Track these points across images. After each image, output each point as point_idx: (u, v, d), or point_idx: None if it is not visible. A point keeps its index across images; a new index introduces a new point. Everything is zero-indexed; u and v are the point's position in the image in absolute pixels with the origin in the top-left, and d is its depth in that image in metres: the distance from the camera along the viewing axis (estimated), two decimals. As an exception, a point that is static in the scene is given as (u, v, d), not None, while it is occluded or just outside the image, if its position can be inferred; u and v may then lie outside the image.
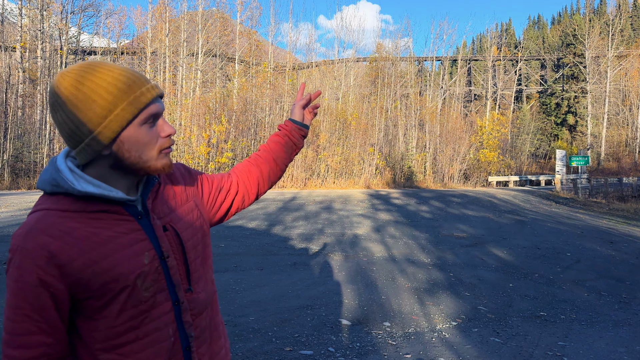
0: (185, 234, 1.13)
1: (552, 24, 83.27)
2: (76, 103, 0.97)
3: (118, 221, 1.03)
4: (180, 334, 1.09)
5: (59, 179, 1.01)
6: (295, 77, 32.19)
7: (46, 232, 0.97)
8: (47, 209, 1.01)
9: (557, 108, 51.51)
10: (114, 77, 0.99)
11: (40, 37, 25.62)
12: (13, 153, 21.90)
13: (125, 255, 1.01)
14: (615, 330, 4.43)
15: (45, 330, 0.97)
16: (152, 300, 1.04)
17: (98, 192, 1.00)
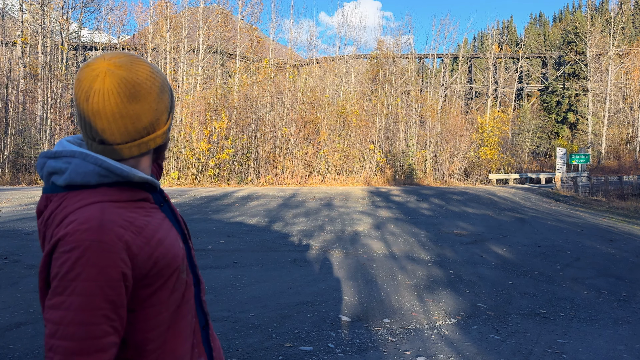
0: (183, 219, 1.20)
1: (553, 21, 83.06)
2: (156, 96, 1.00)
3: (152, 210, 1.05)
4: (198, 313, 1.13)
5: (112, 168, 0.96)
6: (296, 73, 32.14)
7: (117, 223, 0.93)
8: (101, 201, 0.95)
9: (557, 106, 51.44)
10: (158, 72, 1.04)
11: (41, 33, 25.58)
12: (14, 148, 21.90)
13: (171, 240, 1.04)
14: (614, 328, 4.44)
15: (118, 329, 0.91)
16: (187, 283, 1.08)
17: (149, 179, 1.03)
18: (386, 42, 41.15)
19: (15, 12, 28.21)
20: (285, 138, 25.09)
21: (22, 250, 6.50)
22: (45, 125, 23.51)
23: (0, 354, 3.40)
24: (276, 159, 24.45)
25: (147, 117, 0.99)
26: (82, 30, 32.38)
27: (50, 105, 23.94)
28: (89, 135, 0.99)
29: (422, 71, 46.90)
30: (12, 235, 7.49)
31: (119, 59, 0.97)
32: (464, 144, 30.81)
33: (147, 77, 0.98)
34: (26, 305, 4.37)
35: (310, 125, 26.09)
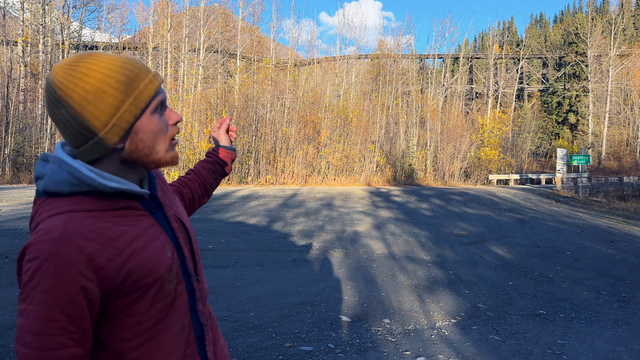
0: (187, 223, 1.16)
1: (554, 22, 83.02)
2: (80, 100, 0.92)
3: (138, 217, 1.02)
4: (193, 323, 1.10)
5: (83, 177, 0.94)
6: (296, 73, 32.14)
7: (81, 234, 0.91)
8: (71, 211, 0.94)
9: (558, 107, 51.43)
10: (118, 68, 0.94)
11: (42, 32, 25.59)
12: (14, 147, 21.92)
13: (153, 249, 1.01)
14: (614, 329, 4.44)
15: (80, 341, 0.91)
16: (175, 293, 1.05)
17: (125, 188, 0.97)
18: (387, 43, 41.18)
19: (16, 11, 28.22)
20: (286, 138, 25.10)
21: (23, 249, 6.50)
22: (45, 124, 23.53)
23: (1, 352, 3.41)
24: (276, 159, 24.46)
25: (78, 120, 0.93)
26: (83, 29, 32.39)
27: (51, 105, 23.96)
28: None
29: (422, 71, 46.90)
30: (13, 234, 7.50)
31: (58, 66, 0.95)
32: (464, 144, 30.80)
33: (69, 80, 0.92)
34: (27, 304, 4.37)
35: (311, 125, 26.09)
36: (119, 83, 0.94)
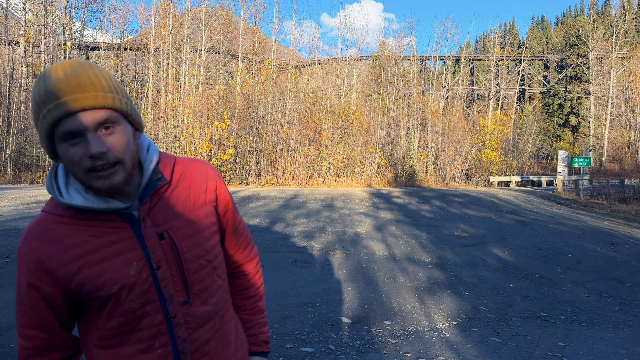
0: (187, 243, 1.06)
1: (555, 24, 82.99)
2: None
3: (111, 229, 1.00)
4: (172, 348, 1.04)
5: (49, 187, 1.01)
6: (298, 74, 32.16)
7: (39, 237, 0.99)
8: (48, 212, 1.02)
9: (559, 109, 51.40)
10: (37, 89, 0.92)
11: (44, 32, 25.64)
12: (16, 147, 21.95)
13: (112, 264, 0.98)
14: (615, 332, 4.43)
15: (40, 326, 1.02)
16: (142, 312, 1.01)
17: (81, 204, 0.96)
18: (388, 44, 41.18)
19: (18, 12, 28.29)
20: (287, 139, 25.10)
21: (24, 249, 6.51)
22: (47, 124, 23.53)
23: (2, 352, 3.41)
24: (277, 160, 24.46)
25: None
26: (84, 30, 32.44)
27: (53, 105, 23.98)
28: None
29: (424, 73, 46.92)
30: (14, 234, 7.51)
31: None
32: (465, 146, 30.78)
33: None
34: (28, 304, 4.38)
35: (312, 127, 26.09)
36: (35, 102, 0.94)
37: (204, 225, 1.09)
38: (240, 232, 1.26)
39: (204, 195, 1.11)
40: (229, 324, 1.17)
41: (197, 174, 1.12)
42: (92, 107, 0.91)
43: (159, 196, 1.05)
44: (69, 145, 0.92)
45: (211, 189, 1.13)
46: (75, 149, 0.92)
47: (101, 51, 35.28)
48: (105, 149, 0.92)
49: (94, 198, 0.98)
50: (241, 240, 1.26)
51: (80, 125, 0.91)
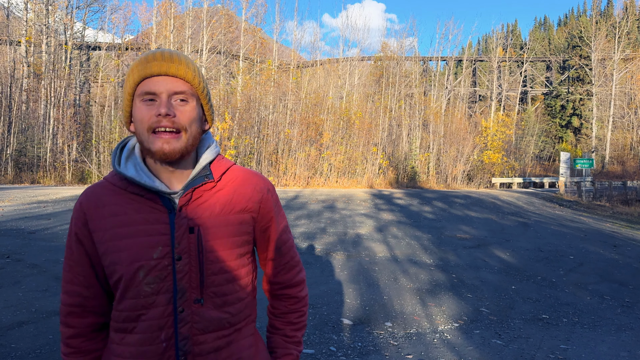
0: (214, 244, 1.07)
1: (558, 25, 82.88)
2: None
3: (150, 208, 1.05)
4: (175, 344, 1.04)
5: (113, 156, 1.11)
6: (299, 75, 32.16)
7: (90, 198, 1.08)
8: (105, 180, 1.11)
9: (562, 110, 51.32)
10: (136, 58, 1.09)
11: (45, 32, 25.68)
12: (17, 147, 21.97)
13: (139, 242, 1.03)
14: (617, 334, 4.40)
15: (83, 283, 1.09)
16: (153, 299, 1.03)
17: (130, 176, 1.05)
18: (390, 45, 41.17)
19: (19, 11, 28.33)
20: (288, 139, 25.09)
21: (25, 250, 6.51)
22: (48, 124, 23.57)
23: (2, 352, 3.40)
24: (279, 161, 24.46)
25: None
26: (86, 29, 32.50)
27: (54, 105, 24.01)
28: None
29: (425, 74, 46.90)
30: (15, 234, 7.50)
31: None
32: (467, 147, 30.74)
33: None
34: (28, 305, 4.37)
35: (313, 127, 26.08)
36: (130, 67, 1.07)
37: (235, 231, 1.10)
38: (285, 252, 1.23)
39: (245, 204, 1.12)
40: (247, 339, 1.15)
41: (247, 183, 1.15)
42: (173, 74, 1.03)
43: (202, 192, 1.09)
44: (144, 103, 1.03)
45: (255, 200, 1.14)
46: (148, 108, 1.02)
47: (102, 51, 35.32)
48: (172, 113, 1.02)
49: (145, 175, 1.05)
50: (285, 261, 1.23)
51: (158, 87, 1.02)
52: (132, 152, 1.11)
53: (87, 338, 1.12)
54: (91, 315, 1.11)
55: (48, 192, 14.37)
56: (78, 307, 1.10)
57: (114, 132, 22.89)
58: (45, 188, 16.63)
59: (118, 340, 1.06)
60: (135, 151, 1.10)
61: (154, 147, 1.02)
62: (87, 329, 1.12)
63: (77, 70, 30.12)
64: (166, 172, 1.07)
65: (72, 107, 25.53)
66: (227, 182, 1.12)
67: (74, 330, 1.11)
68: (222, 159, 1.16)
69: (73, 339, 1.11)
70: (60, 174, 21.74)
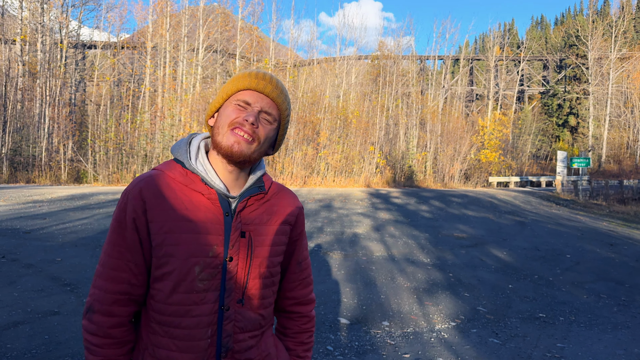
0: (260, 250, 1.16)
1: (555, 24, 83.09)
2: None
3: (209, 208, 1.11)
4: (218, 340, 1.10)
5: (182, 151, 1.16)
6: (296, 74, 32.13)
7: (149, 187, 1.10)
8: (161, 171, 1.14)
9: (559, 109, 51.46)
10: (245, 71, 1.18)
11: (41, 30, 25.55)
12: (12, 146, 21.87)
13: (198, 239, 1.08)
14: (614, 333, 4.41)
15: (133, 270, 1.09)
16: (204, 295, 1.08)
17: (201, 174, 1.12)
18: (387, 43, 41.19)
19: (14, 10, 28.17)
20: (285, 138, 25.04)
21: (20, 249, 6.47)
22: (43, 123, 23.47)
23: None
24: (275, 160, 24.42)
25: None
26: (81, 28, 32.35)
27: (49, 104, 23.90)
28: None
29: (423, 73, 46.92)
30: (10, 234, 7.46)
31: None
32: (464, 146, 30.78)
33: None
34: (24, 305, 4.34)
35: (310, 126, 26.05)
36: (233, 77, 1.20)
37: (278, 240, 1.20)
38: (304, 268, 1.32)
39: (286, 217, 1.24)
40: (270, 339, 1.23)
41: (288, 198, 1.27)
42: (267, 95, 1.16)
43: (254, 202, 1.18)
44: (238, 107, 1.14)
45: (294, 214, 1.26)
46: (239, 111, 1.14)
47: (98, 50, 35.18)
48: (257, 125, 1.14)
49: (212, 176, 1.14)
50: (302, 277, 1.32)
51: (256, 101, 1.15)
52: (198, 151, 1.19)
53: (127, 328, 1.12)
54: (134, 304, 1.12)
55: (43, 191, 14.30)
56: (125, 294, 1.09)
57: (110, 131, 22.81)
58: (40, 187, 16.56)
59: (163, 332, 1.08)
60: (202, 151, 1.18)
61: (226, 142, 1.12)
62: (128, 317, 1.12)
63: (72, 69, 29.99)
64: (228, 176, 1.16)
65: (68, 106, 25.43)
66: (273, 195, 1.24)
67: (118, 320, 1.10)
68: (268, 175, 1.28)
69: (115, 328, 1.10)
70: (56, 173, 21.66)
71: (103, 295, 1.09)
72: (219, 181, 1.14)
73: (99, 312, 1.09)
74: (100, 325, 1.09)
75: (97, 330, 1.09)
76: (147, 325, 1.12)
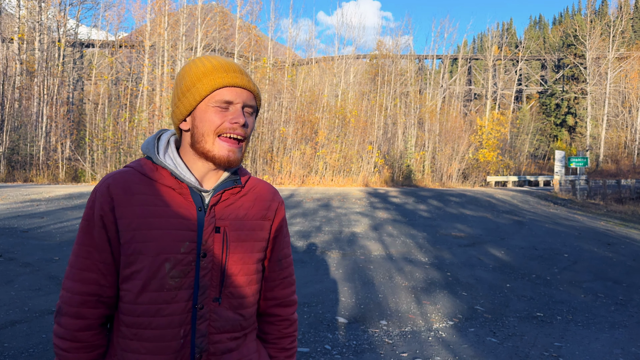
0: (236, 246, 1.10)
1: (553, 24, 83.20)
2: (177, 81, 1.12)
3: (181, 202, 1.07)
4: (191, 340, 1.05)
5: (150, 146, 1.11)
6: (294, 73, 32.10)
7: (117, 183, 1.06)
8: (132, 168, 1.10)
9: (556, 109, 51.54)
10: (207, 62, 1.09)
11: (38, 29, 25.47)
12: (9, 145, 21.80)
13: (168, 235, 1.03)
14: (611, 332, 4.42)
15: (102, 270, 1.05)
16: (175, 293, 1.04)
17: (170, 168, 1.07)
18: (385, 43, 41.17)
19: (12, 8, 28.08)
20: (283, 138, 25.05)
21: (18, 248, 6.45)
22: (41, 122, 23.40)
23: (-7, 353, 3.36)
24: (274, 159, 24.41)
25: (172, 99, 1.17)
26: (79, 27, 32.25)
27: (47, 102, 23.83)
28: None
29: (421, 72, 46.94)
30: (7, 233, 7.44)
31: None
32: (462, 145, 30.81)
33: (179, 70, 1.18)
34: (21, 304, 4.33)
35: (308, 125, 26.04)
36: (201, 70, 1.08)
37: (256, 236, 1.15)
38: (285, 266, 1.24)
39: (265, 212, 1.18)
40: (252, 343, 1.17)
41: (266, 192, 1.21)
42: (247, 88, 1.09)
43: (229, 196, 1.13)
44: (219, 109, 1.07)
45: (273, 209, 1.20)
46: (222, 114, 1.06)
47: (96, 48, 35.09)
48: (246, 124, 1.08)
49: (182, 170, 1.09)
50: (283, 276, 1.24)
51: (237, 97, 1.08)
52: (167, 146, 1.13)
53: (97, 331, 1.07)
54: (103, 306, 1.06)
55: (41, 190, 14.27)
56: (93, 296, 1.04)
57: (108, 130, 22.76)
58: (38, 186, 16.52)
59: (131, 335, 1.03)
60: (171, 145, 1.13)
61: (219, 152, 1.06)
62: (98, 320, 1.06)
63: (70, 68, 29.91)
64: (201, 165, 1.11)
65: (66, 105, 25.35)
66: (249, 189, 1.17)
67: (86, 322, 1.04)
68: (243, 168, 1.22)
69: (83, 331, 1.04)
70: (54, 172, 21.60)
71: (70, 297, 1.04)
72: (190, 174, 1.09)
73: (66, 315, 1.04)
74: (68, 329, 1.04)
75: (65, 334, 1.04)
76: (117, 329, 1.07)
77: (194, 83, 1.07)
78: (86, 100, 31.39)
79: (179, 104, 1.10)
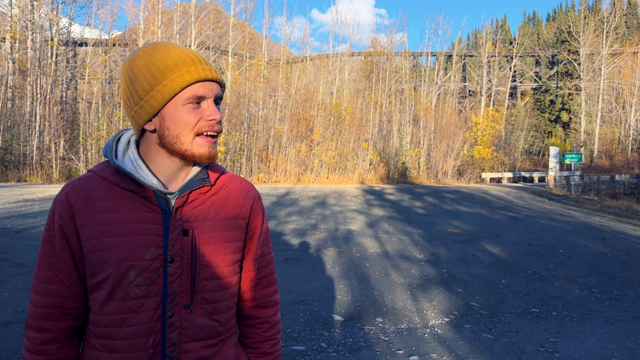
0: (208, 248, 1.04)
1: (547, 20, 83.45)
2: (131, 76, 1.00)
3: (145, 207, 1.01)
4: (162, 351, 1.01)
5: (107, 149, 1.05)
6: (289, 70, 32.03)
7: (77, 191, 1.01)
8: (93, 172, 1.04)
9: (551, 105, 51.74)
10: (167, 55, 0.99)
11: (31, 28, 25.26)
12: (2, 145, 21.63)
13: (131, 241, 0.98)
14: (606, 327, 4.44)
15: (65, 282, 1.01)
16: (142, 302, 0.99)
17: (128, 171, 1.00)
18: (380, 40, 41.07)
19: (4, 7, 27.83)
20: (278, 136, 25.00)
21: (11, 249, 6.40)
22: (34, 121, 23.23)
23: (-14, 354, 3.33)
24: (269, 157, 24.37)
25: (122, 96, 1.06)
26: (72, 25, 32.01)
27: (40, 102, 23.65)
28: None
29: (416, 69, 46.95)
30: (1, 233, 7.39)
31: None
32: (457, 142, 30.86)
33: (128, 63, 1.04)
34: (14, 304, 4.29)
35: (304, 123, 26.00)
36: (163, 65, 0.98)
37: (230, 237, 1.08)
38: (263, 265, 1.18)
39: (239, 210, 1.11)
40: (231, 350, 1.11)
41: (239, 188, 1.14)
42: (213, 79, 1.02)
43: (197, 195, 1.06)
44: (192, 107, 0.99)
45: (247, 206, 1.13)
46: (196, 112, 1.00)
47: (89, 47, 34.86)
48: (221, 118, 1.03)
49: (143, 172, 1.02)
50: (262, 275, 1.17)
51: (209, 91, 1.01)
52: (127, 147, 1.06)
53: (63, 344, 1.03)
54: (69, 318, 1.03)
55: (35, 190, 14.17)
56: (57, 308, 1.00)
57: (102, 129, 22.64)
58: (31, 186, 16.41)
59: (99, 346, 0.99)
60: (132, 146, 1.05)
61: (199, 151, 1.00)
62: (63, 333, 1.03)
63: (63, 67, 29.69)
64: (170, 164, 1.04)
65: (59, 104, 25.18)
66: (221, 187, 1.10)
67: (50, 335, 1.01)
68: (216, 164, 1.14)
69: (47, 345, 1.01)
70: (47, 172, 21.46)
71: (34, 310, 1.01)
72: (152, 176, 1.02)
73: (31, 328, 1.02)
74: (33, 342, 1.01)
75: (31, 347, 1.01)
76: (87, 340, 1.03)
77: (158, 80, 0.97)
78: (80, 99, 31.18)
79: (142, 104, 0.99)
